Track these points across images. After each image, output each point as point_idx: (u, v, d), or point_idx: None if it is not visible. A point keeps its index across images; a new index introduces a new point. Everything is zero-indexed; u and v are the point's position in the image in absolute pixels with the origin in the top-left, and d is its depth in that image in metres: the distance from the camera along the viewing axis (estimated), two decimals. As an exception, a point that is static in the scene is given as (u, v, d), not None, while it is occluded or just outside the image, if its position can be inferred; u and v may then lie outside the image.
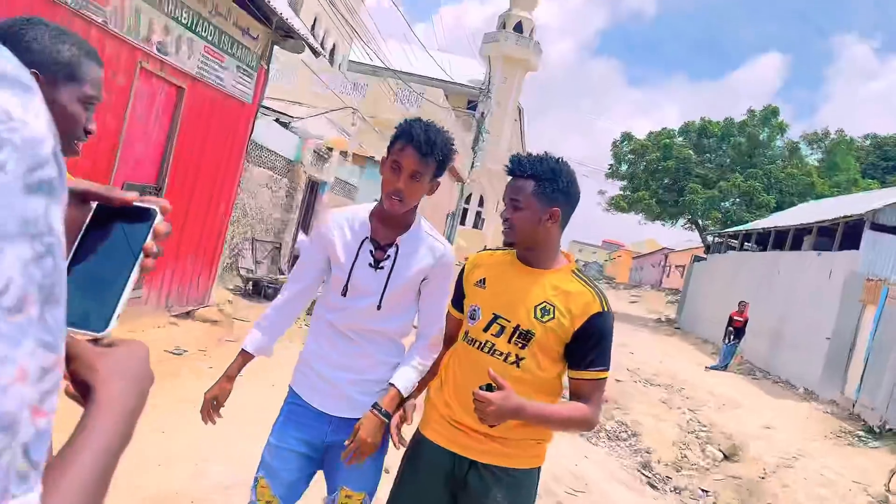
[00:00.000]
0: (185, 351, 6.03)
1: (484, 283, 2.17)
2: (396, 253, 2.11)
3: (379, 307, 2.11)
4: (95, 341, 0.66)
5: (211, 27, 6.67)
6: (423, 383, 2.30)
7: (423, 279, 2.16)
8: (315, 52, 8.22)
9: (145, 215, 0.71)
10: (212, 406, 2.19)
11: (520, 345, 2.07)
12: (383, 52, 16.58)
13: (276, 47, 8.54)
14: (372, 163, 16.52)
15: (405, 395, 2.16)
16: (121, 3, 5.32)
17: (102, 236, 0.70)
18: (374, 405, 2.12)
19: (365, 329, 2.13)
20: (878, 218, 14.68)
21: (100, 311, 0.66)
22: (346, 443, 2.08)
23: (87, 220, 0.70)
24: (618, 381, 11.87)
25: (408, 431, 2.29)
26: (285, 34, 7.89)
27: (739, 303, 16.75)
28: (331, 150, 12.79)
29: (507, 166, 2.13)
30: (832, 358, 13.64)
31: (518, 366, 2.06)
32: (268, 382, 6.20)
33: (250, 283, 10.05)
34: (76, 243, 0.69)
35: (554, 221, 2.07)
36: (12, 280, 0.35)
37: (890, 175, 32.94)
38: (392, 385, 2.15)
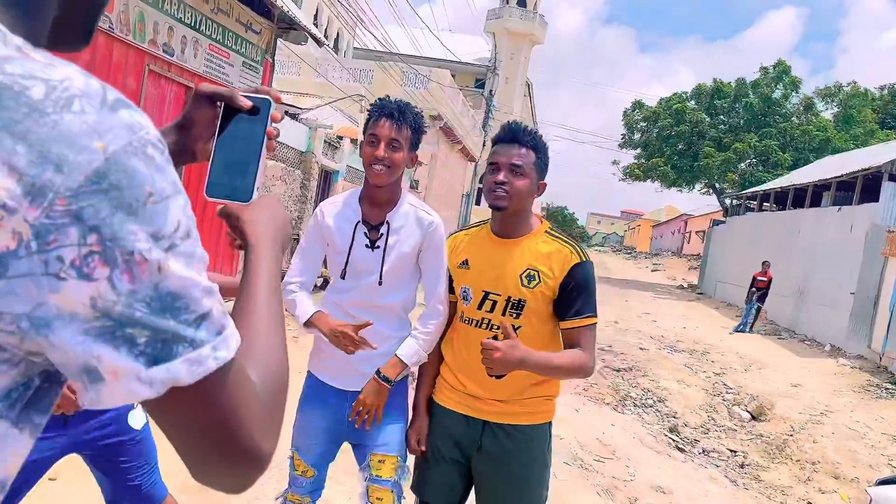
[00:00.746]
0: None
1: (468, 264, 2.28)
2: (388, 230, 2.23)
3: (380, 283, 2.23)
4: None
5: (215, 25, 6.75)
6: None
7: (419, 252, 2.26)
8: (318, 42, 8.27)
9: (263, 105, 0.88)
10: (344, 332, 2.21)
11: (514, 314, 2.18)
12: (387, 38, 16.56)
13: (279, 40, 8.61)
14: (383, 148, 16.53)
15: (408, 363, 2.26)
16: (125, 7, 5.41)
17: (234, 128, 0.87)
18: (377, 371, 2.26)
19: (371, 306, 2.24)
20: (897, 169, 14.48)
21: (243, 185, 0.86)
22: (354, 404, 2.24)
23: (220, 117, 0.88)
24: (642, 349, 11.91)
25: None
26: (288, 26, 7.95)
27: (763, 263, 16.63)
28: (341, 138, 12.86)
29: (505, 132, 2.21)
30: (857, 313, 13.55)
31: (516, 334, 2.16)
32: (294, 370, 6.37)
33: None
34: (216, 134, 0.87)
35: (540, 194, 2.23)
36: (180, 221, 0.55)
37: (909, 125, 32.35)
38: (396, 355, 2.27)
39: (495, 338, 2.04)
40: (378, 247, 2.23)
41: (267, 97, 0.88)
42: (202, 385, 0.56)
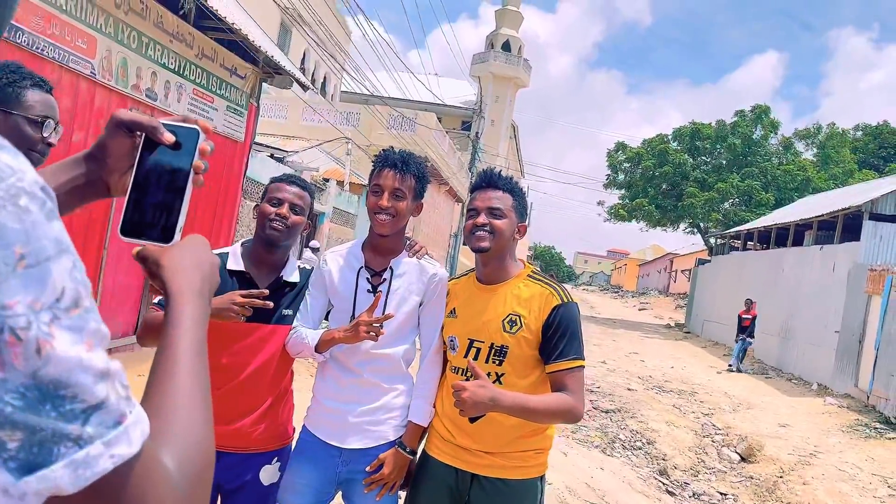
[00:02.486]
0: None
1: (455, 313, 2.28)
2: (391, 275, 2.22)
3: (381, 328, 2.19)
4: None
5: (198, 70, 6.79)
6: None
7: (420, 303, 2.26)
8: (303, 86, 8.34)
9: (189, 137, 0.80)
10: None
11: (497, 361, 2.15)
12: (374, 83, 16.77)
13: (265, 84, 8.67)
14: (369, 190, 16.60)
15: (425, 426, 2.26)
16: (108, 53, 5.43)
17: (156, 160, 0.80)
18: (399, 443, 2.22)
19: (371, 355, 2.19)
20: (877, 207, 14.68)
21: (165, 226, 0.79)
22: (368, 469, 2.18)
23: (140, 148, 0.80)
24: (630, 389, 11.84)
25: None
26: (273, 71, 8.02)
27: (746, 301, 16.72)
28: (327, 180, 12.90)
29: (480, 179, 2.27)
30: (843, 351, 13.57)
31: (500, 382, 2.14)
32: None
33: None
34: (134, 168, 0.80)
35: (520, 236, 2.23)
36: (65, 287, 0.47)
37: (889, 163, 32.93)
38: (411, 421, 2.25)
39: (466, 379, 2.02)
40: (380, 291, 2.21)
41: (194, 127, 0.81)
42: (96, 490, 0.46)
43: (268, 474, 2.23)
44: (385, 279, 2.22)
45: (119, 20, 5.52)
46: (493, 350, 2.15)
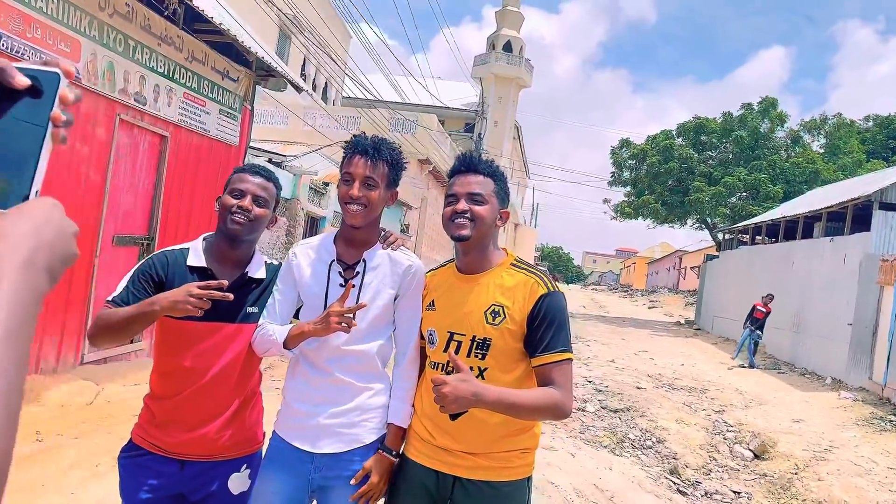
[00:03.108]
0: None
1: (434, 305, 2.15)
2: (364, 268, 2.10)
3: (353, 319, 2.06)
4: None
5: (189, 73, 6.68)
6: None
7: (396, 297, 2.13)
8: (297, 88, 8.23)
9: (48, 82, 0.67)
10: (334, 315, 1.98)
11: (479, 355, 2.02)
12: (375, 87, 16.67)
13: (261, 88, 8.58)
14: (371, 194, 16.47)
15: (405, 427, 2.13)
16: (92, 56, 5.34)
17: (6, 110, 0.66)
18: (382, 447, 2.10)
19: (343, 352, 2.06)
20: (887, 197, 14.45)
21: (17, 190, 0.66)
22: (353, 481, 2.04)
23: None
24: (639, 388, 11.65)
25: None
26: (266, 73, 7.91)
27: (766, 296, 16.49)
28: (327, 184, 12.79)
29: (459, 163, 2.12)
30: (856, 344, 13.34)
31: (483, 377, 2.00)
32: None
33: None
34: None
35: (502, 223, 2.10)
36: None
37: (896, 154, 32.60)
38: (392, 423, 2.13)
39: (448, 373, 1.89)
40: (353, 286, 2.08)
41: (54, 71, 0.68)
42: None
43: (237, 483, 2.09)
44: (358, 272, 2.10)
45: (104, 23, 5.42)
46: (476, 343, 2.02)
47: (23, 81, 0.66)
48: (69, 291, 5.47)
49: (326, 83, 26.30)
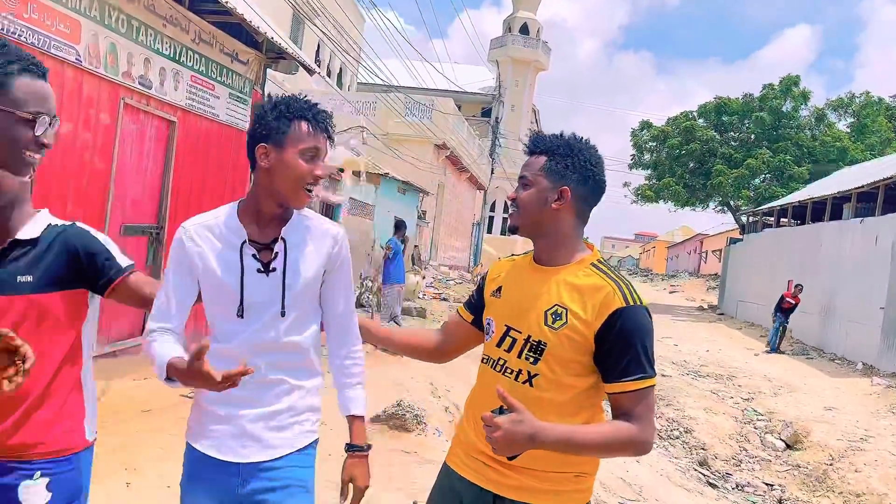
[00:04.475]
0: (201, 393, 5.75)
1: (500, 293, 1.88)
2: (285, 248, 1.77)
3: (283, 314, 1.76)
4: None
5: (197, 56, 6.45)
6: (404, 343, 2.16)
7: (325, 272, 1.82)
8: (309, 70, 7.97)
9: None
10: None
11: (531, 359, 1.73)
12: (389, 73, 16.37)
13: (274, 72, 8.34)
14: (386, 180, 16.26)
15: (365, 415, 1.91)
16: (93, 38, 5.11)
17: None
18: (350, 446, 1.86)
19: (272, 347, 1.76)
20: (921, 176, 13.96)
21: None
22: (341, 498, 1.81)
23: None
24: (664, 376, 11.36)
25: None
26: (277, 56, 7.66)
27: (796, 286, 16.11)
28: (342, 171, 12.56)
29: (524, 146, 1.88)
30: (889, 328, 12.92)
31: (531, 384, 1.72)
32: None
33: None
34: None
35: (563, 203, 1.76)
36: None
37: (927, 133, 31.72)
38: (352, 416, 1.88)
39: (501, 410, 1.58)
40: (274, 269, 1.75)
41: None
42: None
43: (31, 494, 1.63)
44: (278, 253, 1.76)
45: (105, 3, 5.20)
46: (530, 344, 1.73)
47: None
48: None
49: (341, 68, 26.01)
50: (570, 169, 1.76)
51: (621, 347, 1.65)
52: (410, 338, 2.18)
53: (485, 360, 1.85)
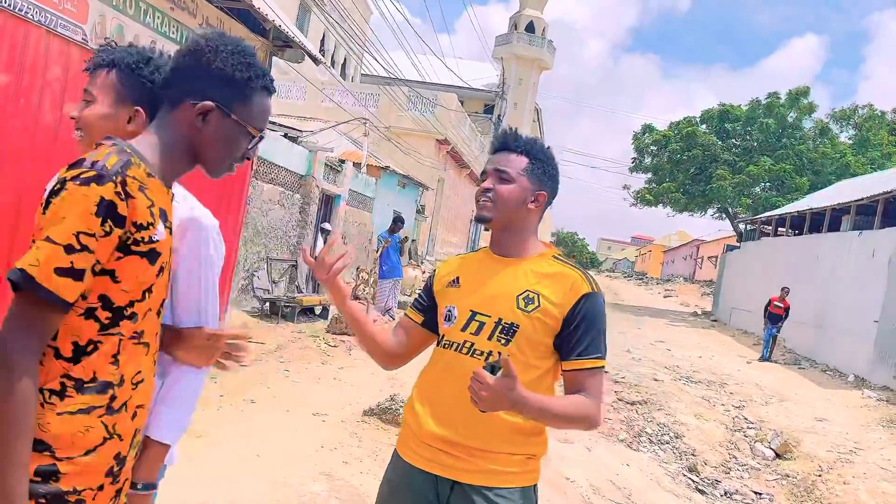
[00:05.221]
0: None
1: (458, 282, 1.96)
2: None
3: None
4: None
5: (203, 40, 6.43)
6: None
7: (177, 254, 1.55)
8: (315, 60, 7.95)
9: None
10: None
11: (503, 341, 1.82)
12: (394, 64, 16.33)
13: (278, 59, 8.30)
14: (387, 173, 16.23)
15: (171, 444, 1.54)
16: (101, 18, 5.08)
17: None
18: (134, 485, 1.45)
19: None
20: (921, 191, 13.99)
21: None
22: None
23: None
24: (656, 380, 11.38)
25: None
26: (283, 44, 7.63)
27: (782, 289, 16.13)
28: (343, 162, 12.53)
29: (496, 140, 1.95)
30: (882, 342, 12.97)
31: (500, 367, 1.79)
32: (281, 407, 5.90)
33: (267, 303, 9.77)
34: None
35: (539, 206, 1.92)
36: None
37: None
38: (150, 439, 1.49)
39: (492, 369, 1.66)
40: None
41: None
42: None
43: None
44: None
45: (113, -16, 5.17)
46: (501, 327, 1.82)
47: None
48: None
49: (345, 59, 25.95)
50: (546, 176, 1.91)
51: (585, 328, 1.81)
52: (376, 332, 2.03)
53: (446, 345, 1.89)
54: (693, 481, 7.20)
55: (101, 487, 1.29)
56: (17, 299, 1.19)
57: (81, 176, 1.20)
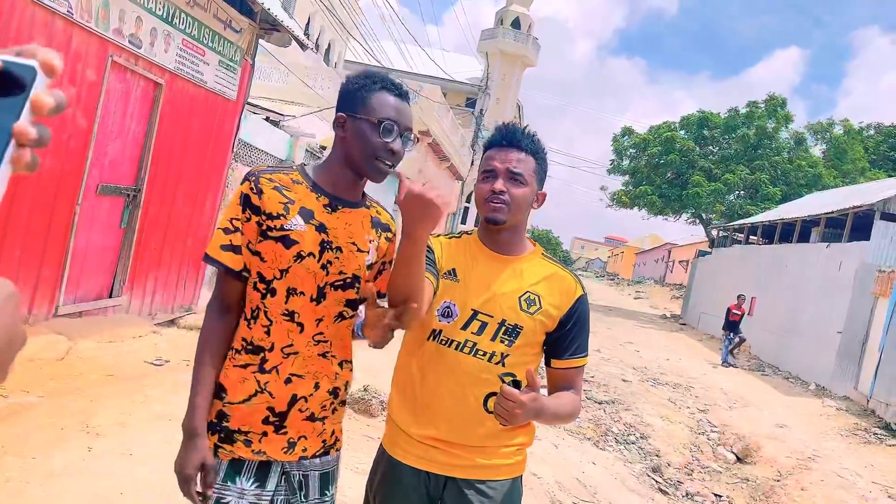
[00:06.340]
0: (166, 361, 5.68)
1: (455, 275, 1.89)
2: None
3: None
4: None
5: (189, 19, 6.33)
6: None
7: None
8: (302, 45, 7.87)
9: (18, 80, 0.48)
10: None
11: (506, 342, 1.84)
12: (380, 51, 16.23)
13: (262, 42, 8.21)
14: (368, 161, 16.07)
15: None
16: (87, -9, 4.99)
17: None
18: None
19: None
20: (889, 207, 14.32)
21: None
22: None
23: None
24: (625, 380, 11.54)
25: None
26: (270, 27, 7.55)
27: (738, 296, 16.44)
28: (324, 148, 12.44)
29: (500, 135, 1.88)
30: (844, 352, 13.28)
31: (504, 364, 1.83)
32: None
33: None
34: None
35: (538, 206, 1.94)
36: None
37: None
38: None
39: (516, 384, 1.71)
40: None
41: (29, 64, 0.49)
42: None
43: None
44: None
45: (101, -44, 5.07)
46: (505, 328, 1.83)
47: None
48: (47, 240, 5.18)
49: (329, 44, 25.71)
50: (545, 175, 1.92)
51: (578, 329, 1.88)
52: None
53: (444, 342, 1.83)
54: (656, 482, 7.33)
55: (264, 434, 1.67)
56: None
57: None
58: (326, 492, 1.79)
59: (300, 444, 1.72)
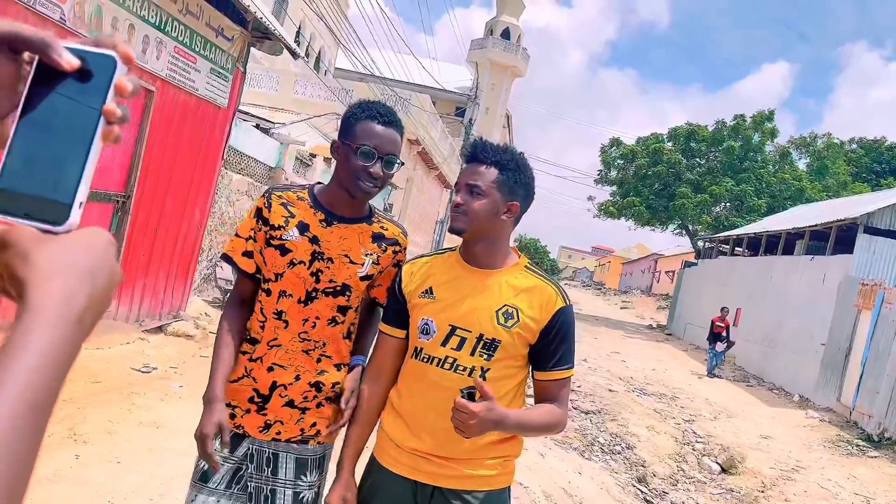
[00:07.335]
0: (153, 368, 5.67)
1: (432, 293, 1.93)
2: None
3: None
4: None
5: (181, 26, 6.34)
6: None
7: None
8: (293, 54, 7.90)
9: (102, 67, 0.55)
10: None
11: (485, 356, 1.87)
12: (370, 59, 16.28)
13: (254, 50, 8.23)
14: (357, 169, 16.10)
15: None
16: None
17: (48, 101, 0.55)
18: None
19: None
20: (873, 221, 14.50)
21: (56, 199, 0.54)
22: None
23: (29, 79, 0.54)
24: (611, 390, 11.59)
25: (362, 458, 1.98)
26: (262, 35, 7.57)
27: (722, 309, 16.59)
28: (314, 156, 12.46)
29: (466, 151, 1.95)
30: (827, 364, 13.41)
31: (484, 378, 1.86)
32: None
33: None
34: (18, 112, 0.54)
35: (511, 216, 1.91)
36: None
37: (883, 179, 32.95)
38: None
39: (469, 395, 1.71)
40: None
41: (109, 54, 0.56)
42: None
43: None
44: None
45: (94, -36, 5.08)
46: (483, 342, 1.86)
47: (70, 63, 0.54)
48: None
49: (320, 52, 25.76)
50: (518, 185, 1.89)
51: (559, 341, 1.89)
52: (374, 407, 2.04)
53: (425, 359, 1.88)
54: (642, 492, 7.37)
55: (248, 411, 1.95)
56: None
57: None
58: (303, 476, 1.96)
59: (276, 426, 1.95)
